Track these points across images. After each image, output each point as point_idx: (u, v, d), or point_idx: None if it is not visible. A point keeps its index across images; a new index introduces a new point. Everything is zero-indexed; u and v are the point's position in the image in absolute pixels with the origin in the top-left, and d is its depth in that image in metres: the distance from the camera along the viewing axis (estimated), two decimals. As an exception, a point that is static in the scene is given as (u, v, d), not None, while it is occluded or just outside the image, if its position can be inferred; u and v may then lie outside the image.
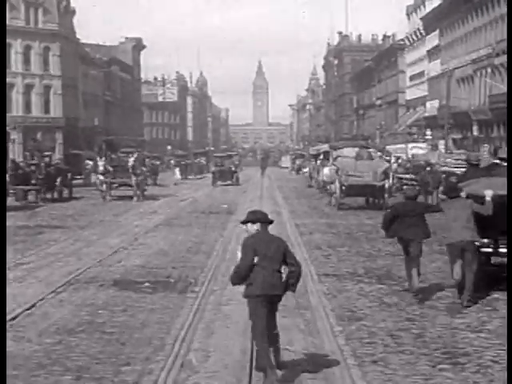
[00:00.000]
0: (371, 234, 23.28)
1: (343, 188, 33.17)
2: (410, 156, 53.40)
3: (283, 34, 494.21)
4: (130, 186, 37.20)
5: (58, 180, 37.02)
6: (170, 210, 33.18)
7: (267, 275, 8.38)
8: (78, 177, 45.62)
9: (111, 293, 13.65)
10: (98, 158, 39.01)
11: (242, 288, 8.90)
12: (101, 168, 37.09)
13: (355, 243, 20.91)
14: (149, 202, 37.06)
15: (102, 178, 37.31)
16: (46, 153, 40.77)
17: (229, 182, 54.61)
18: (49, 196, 37.22)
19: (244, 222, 8.80)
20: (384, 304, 12.67)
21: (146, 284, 14.50)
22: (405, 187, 43.98)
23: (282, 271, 8.64)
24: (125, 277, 15.39)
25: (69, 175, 39.08)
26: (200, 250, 19.66)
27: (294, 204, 36.35)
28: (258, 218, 8.69)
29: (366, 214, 30.69)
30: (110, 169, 37.19)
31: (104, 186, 37.09)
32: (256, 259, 8.42)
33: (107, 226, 26.25)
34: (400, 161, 49.17)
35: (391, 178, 35.95)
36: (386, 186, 33.80)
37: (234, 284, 8.87)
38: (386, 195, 33.54)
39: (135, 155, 37.51)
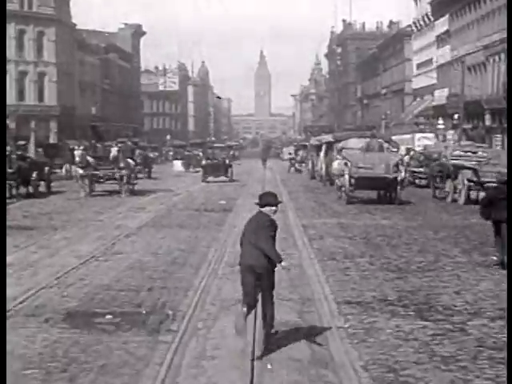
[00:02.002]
0: (393, 238, 19.64)
1: (352, 181, 31.10)
2: (421, 147, 50.53)
3: (286, 23, 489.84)
4: (115, 179, 33.14)
5: (34, 174, 32.67)
6: (161, 206, 29.45)
7: (248, 249, 9.04)
8: (59, 170, 40.75)
9: (56, 334, 9.91)
10: (76, 147, 34.54)
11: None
12: (77, 159, 32.78)
13: (376, 251, 17.23)
14: (138, 197, 33.13)
15: (80, 171, 32.99)
16: (21, 142, 36.81)
17: (222, 178, 47.07)
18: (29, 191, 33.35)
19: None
20: (437, 356, 8.87)
21: (108, 317, 10.84)
22: (417, 181, 41.52)
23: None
24: (82, 305, 11.66)
25: (46, 168, 35.04)
26: (188, 260, 15.98)
27: (299, 200, 32.75)
28: (259, 202, 9.31)
29: (381, 212, 27.10)
30: (91, 160, 33.12)
31: (85, 180, 32.74)
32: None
33: (85, 226, 22.54)
34: (412, 153, 45.97)
35: (403, 171, 32.81)
36: (399, 178, 31.33)
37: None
38: (399, 188, 31.15)
39: (118, 145, 33.30)
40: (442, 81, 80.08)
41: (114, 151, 32.63)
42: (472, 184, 30.42)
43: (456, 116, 66.12)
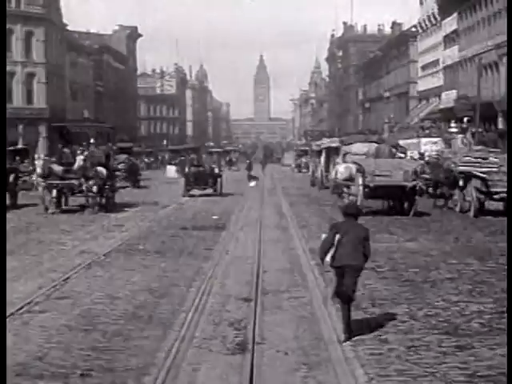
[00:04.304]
0: (429, 270, 15.13)
1: (366, 190, 27.96)
2: (434, 153, 46.73)
3: (285, 26, 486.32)
4: (90, 191, 27.68)
5: None
6: (142, 223, 24.89)
7: (345, 252, 9.89)
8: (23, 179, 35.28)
9: None
10: (36, 156, 29.38)
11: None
12: (38, 170, 27.82)
13: (414, 293, 12.74)
14: (117, 212, 28.57)
15: (42, 182, 27.71)
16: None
17: (209, 191, 38.61)
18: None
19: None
20: None
21: None
22: (430, 189, 37.74)
23: None
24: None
25: (11, 176, 30.10)
26: (156, 310, 11.50)
27: (303, 214, 28.40)
28: (344, 211, 10.41)
29: (402, 231, 22.74)
30: (59, 169, 27.95)
31: (47, 192, 27.38)
32: (336, 239, 9.95)
33: (41, 252, 18.03)
34: (428, 158, 41.71)
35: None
36: (417, 187, 28.41)
37: (320, 257, 10.25)
38: (417, 198, 28.17)
39: (85, 153, 28.06)
40: (450, 82, 76.63)
41: (79, 160, 27.59)
42: (482, 196, 27.42)
43: (465, 119, 62.51)
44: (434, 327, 10.42)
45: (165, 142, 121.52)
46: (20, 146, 60.42)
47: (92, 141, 31.94)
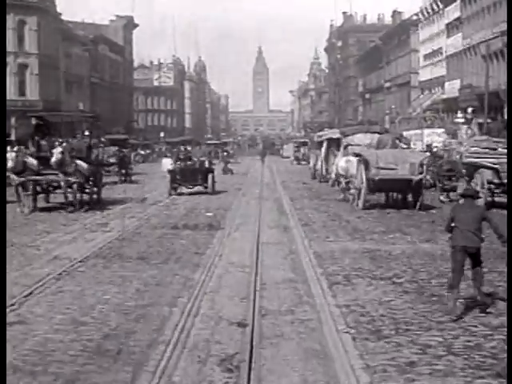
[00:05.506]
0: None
1: (370, 183, 26.41)
2: (441, 144, 44.92)
3: (284, 17, 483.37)
4: (70, 188, 24.99)
5: None
6: (128, 221, 22.53)
7: (460, 233, 10.62)
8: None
9: None
10: (9, 148, 26.78)
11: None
12: (9, 164, 25.23)
13: (444, 313, 10.61)
14: (104, 209, 26.17)
15: (15, 178, 24.91)
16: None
17: (198, 188, 34.01)
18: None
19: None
20: None
21: None
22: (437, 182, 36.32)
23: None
24: None
25: None
26: (130, 339, 9.24)
27: (305, 209, 26.32)
28: (461, 194, 11.67)
29: (415, 229, 20.67)
30: (33, 163, 25.41)
31: (21, 189, 24.70)
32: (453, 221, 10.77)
33: (9, 258, 15.78)
34: (436, 150, 39.67)
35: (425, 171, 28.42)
36: (424, 181, 27.44)
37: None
38: (423, 192, 27.05)
39: (64, 144, 25.20)
40: (453, 72, 74.53)
41: (56, 153, 24.69)
42: (493, 186, 26.00)
43: (470, 109, 60.59)
44: (478, 366, 8.17)
45: (162, 134, 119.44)
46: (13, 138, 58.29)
47: (87, 133, 29.80)
